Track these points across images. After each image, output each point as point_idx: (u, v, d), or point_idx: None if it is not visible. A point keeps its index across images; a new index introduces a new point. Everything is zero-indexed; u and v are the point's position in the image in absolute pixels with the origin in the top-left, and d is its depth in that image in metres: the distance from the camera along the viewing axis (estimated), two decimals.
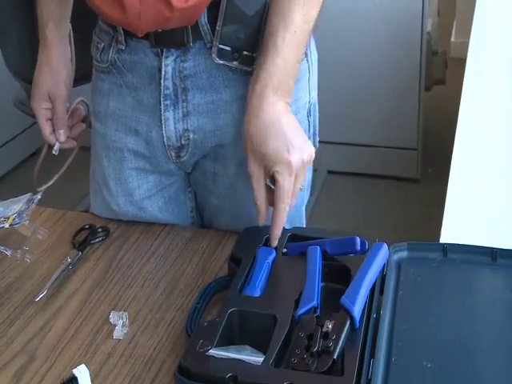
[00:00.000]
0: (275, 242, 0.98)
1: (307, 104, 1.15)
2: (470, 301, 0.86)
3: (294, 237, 0.99)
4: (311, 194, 1.30)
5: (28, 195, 1.14)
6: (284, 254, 0.96)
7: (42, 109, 1.18)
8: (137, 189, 1.16)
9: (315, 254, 0.90)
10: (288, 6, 0.98)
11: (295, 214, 1.15)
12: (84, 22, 1.15)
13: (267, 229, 0.99)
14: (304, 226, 1.21)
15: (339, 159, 2.91)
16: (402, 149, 2.88)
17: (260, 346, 0.81)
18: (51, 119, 1.18)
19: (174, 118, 1.08)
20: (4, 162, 3.03)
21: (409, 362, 0.77)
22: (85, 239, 1.10)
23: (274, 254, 0.95)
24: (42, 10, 1.16)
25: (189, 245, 1.10)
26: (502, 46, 1.69)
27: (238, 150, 1.09)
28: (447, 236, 1.02)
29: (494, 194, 1.15)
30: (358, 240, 0.91)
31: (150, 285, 1.01)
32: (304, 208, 1.22)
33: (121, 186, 1.16)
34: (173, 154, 1.12)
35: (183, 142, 1.10)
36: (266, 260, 0.93)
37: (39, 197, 1.14)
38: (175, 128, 1.09)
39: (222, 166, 1.13)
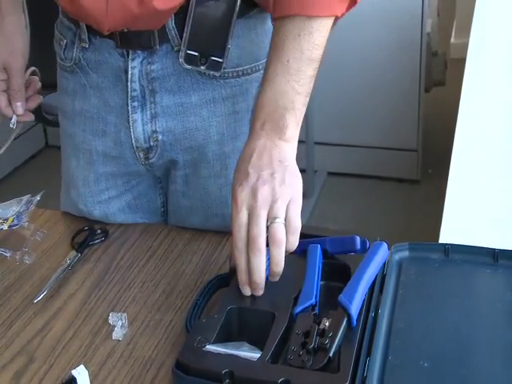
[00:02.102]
0: (244, 291, 0.88)
1: None
2: (470, 301, 0.86)
3: None
4: (311, 196, 1.31)
5: (27, 197, 1.14)
6: None
7: None
8: (105, 190, 1.15)
9: (315, 253, 0.90)
10: (280, 35, 0.94)
11: None
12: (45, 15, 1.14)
13: None
14: None
15: (339, 160, 2.92)
16: (402, 150, 2.88)
17: (258, 343, 0.81)
18: (6, 91, 1.14)
19: (142, 119, 1.07)
20: (4, 165, 3.03)
21: (405, 361, 0.77)
22: (84, 240, 1.09)
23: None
24: None
25: (188, 246, 1.10)
26: (501, 47, 1.69)
27: (208, 152, 1.09)
28: (446, 237, 1.02)
29: (494, 195, 1.15)
30: (359, 239, 0.91)
31: (149, 286, 1.01)
32: None
33: (89, 187, 1.15)
34: (141, 156, 1.11)
35: (152, 144, 1.09)
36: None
37: (38, 198, 1.13)
38: (143, 130, 1.08)
39: (193, 169, 1.12)
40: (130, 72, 1.04)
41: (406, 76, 2.74)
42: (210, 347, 0.80)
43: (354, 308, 0.81)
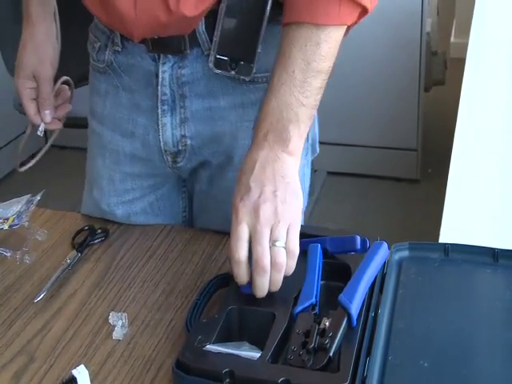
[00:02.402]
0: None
1: None
2: (470, 301, 0.86)
3: None
4: (311, 195, 1.31)
5: (27, 196, 1.14)
6: None
7: (25, 88, 1.14)
8: (130, 191, 1.15)
9: (316, 252, 0.90)
10: (287, 43, 0.92)
11: None
12: (81, 18, 1.13)
13: None
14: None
15: (339, 160, 2.91)
16: (401, 149, 2.88)
17: (258, 343, 0.81)
18: (36, 99, 1.14)
19: (172, 123, 1.07)
20: (4, 164, 3.03)
21: (405, 360, 0.77)
22: (84, 240, 1.09)
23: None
24: None
25: (188, 246, 1.10)
26: (501, 47, 1.69)
27: (235, 156, 1.08)
28: (446, 236, 1.02)
29: (494, 194, 1.15)
30: (359, 238, 0.91)
31: (149, 285, 1.01)
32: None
33: (113, 186, 1.15)
34: (169, 159, 1.11)
35: (180, 148, 1.09)
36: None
37: (38, 198, 1.13)
38: (172, 134, 1.08)
39: (220, 171, 1.12)
40: (160, 76, 1.04)
41: (405, 75, 2.74)
42: (210, 347, 0.80)
43: (354, 308, 0.81)
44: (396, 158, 2.89)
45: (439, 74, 2.87)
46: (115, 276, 1.03)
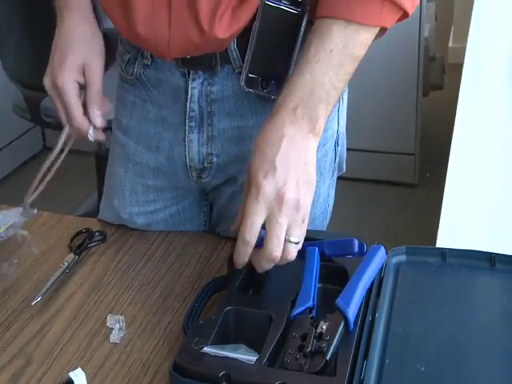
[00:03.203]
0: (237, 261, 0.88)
1: (335, 134, 1.12)
2: (467, 305, 0.86)
3: None
4: None
5: (20, 209, 1.09)
6: None
7: (73, 82, 0.99)
8: (152, 202, 1.14)
9: (313, 255, 0.90)
10: (327, 24, 0.89)
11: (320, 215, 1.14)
12: None
13: None
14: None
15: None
16: (399, 154, 2.89)
17: (255, 346, 0.81)
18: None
19: (199, 140, 1.06)
20: (2, 167, 3.03)
21: (402, 364, 0.77)
22: (82, 243, 1.09)
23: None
24: None
25: (186, 249, 1.10)
26: (499, 52, 1.70)
27: None
28: (443, 241, 1.02)
29: (491, 199, 1.15)
30: (356, 242, 0.91)
31: (146, 288, 1.01)
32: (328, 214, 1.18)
33: (136, 197, 1.13)
34: (194, 175, 1.10)
35: (206, 165, 1.08)
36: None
37: (35, 212, 1.10)
38: (199, 151, 1.07)
39: (242, 188, 1.09)
40: (190, 92, 1.02)
41: (403, 80, 2.74)
42: (207, 349, 0.80)
43: (352, 311, 0.81)
44: (394, 163, 2.90)
45: (437, 78, 2.88)
46: (113, 279, 1.03)
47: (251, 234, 0.84)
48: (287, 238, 0.85)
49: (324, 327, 0.80)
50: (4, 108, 2.53)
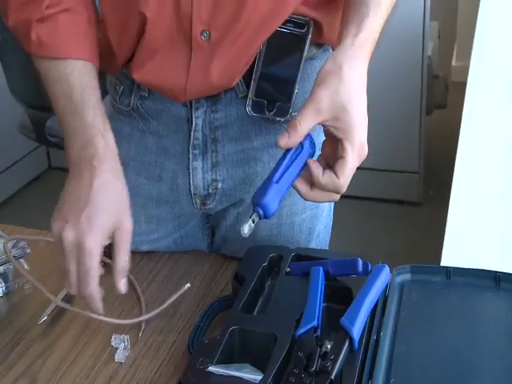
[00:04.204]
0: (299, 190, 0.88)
1: None
2: (472, 324, 0.86)
3: (298, 257, 0.99)
4: None
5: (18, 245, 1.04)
6: (287, 273, 0.96)
7: (100, 246, 0.85)
8: (155, 231, 1.13)
9: (318, 275, 0.90)
10: None
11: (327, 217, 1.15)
12: None
13: (271, 249, 1.00)
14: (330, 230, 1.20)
15: None
16: (403, 172, 2.89)
17: (260, 365, 0.81)
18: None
19: (203, 167, 1.05)
20: (7, 186, 3.04)
21: (407, 383, 0.77)
22: None
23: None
24: (71, 78, 0.90)
25: (190, 268, 1.10)
26: (502, 70, 1.70)
27: None
28: (448, 259, 1.02)
29: (496, 217, 1.15)
30: (360, 262, 0.92)
31: (151, 308, 1.01)
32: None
33: (138, 227, 1.10)
34: (198, 202, 1.09)
35: (210, 191, 1.07)
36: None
37: (28, 251, 1.05)
38: (203, 177, 1.06)
39: (247, 209, 1.09)
40: (194, 122, 1.01)
41: (407, 98, 2.75)
42: (212, 369, 0.80)
43: (356, 331, 0.81)
44: (398, 181, 2.90)
45: (441, 97, 2.89)
46: (118, 298, 1.03)
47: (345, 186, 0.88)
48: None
49: (329, 346, 0.79)
50: (9, 128, 2.54)
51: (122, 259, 0.86)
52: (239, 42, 0.94)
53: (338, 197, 0.89)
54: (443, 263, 1.00)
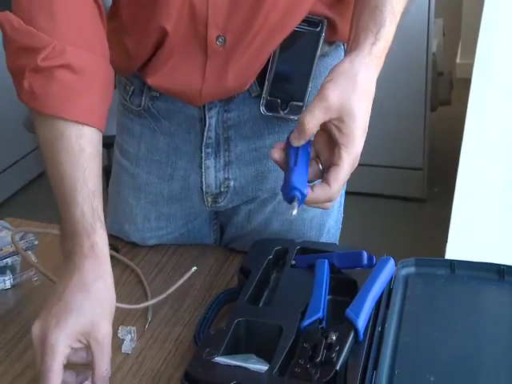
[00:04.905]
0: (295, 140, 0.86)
1: None
2: (476, 317, 0.87)
3: (303, 250, 1.00)
4: None
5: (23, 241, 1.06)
6: (293, 266, 0.97)
7: (66, 347, 0.76)
8: (164, 228, 1.13)
9: (323, 267, 0.91)
10: None
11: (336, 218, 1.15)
12: None
13: (277, 241, 1.01)
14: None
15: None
16: (408, 169, 2.89)
17: (266, 356, 0.82)
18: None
19: (215, 166, 1.06)
20: (12, 183, 3.05)
21: (412, 375, 0.77)
22: None
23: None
24: (63, 155, 0.83)
25: (196, 261, 1.10)
26: (506, 67, 1.71)
27: (278, 192, 1.05)
28: (452, 253, 1.03)
29: (500, 212, 1.16)
30: (366, 254, 0.92)
31: (157, 300, 1.01)
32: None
33: (148, 223, 1.12)
34: (209, 200, 1.09)
35: (222, 190, 1.08)
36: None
37: (36, 242, 1.07)
38: (216, 176, 1.06)
39: (260, 205, 1.09)
40: (207, 122, 1.01)
41: (412, 95, 2.76)
42: (218, 359, 0.81)
43: (361, 322, 0.82)
44: (402, 177, 2.90)
45: (445, 93, 2.89)
46: (124, 291, 1.04)
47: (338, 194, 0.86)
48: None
49: (334, 337, 0.80)
50: (15, 124, 2.56)
51: (101, 369, 0.78)
52: (254, 46, 0.94)
53: (330, 205, 0.88)
54: (447, 257, 1.01)
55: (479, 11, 2.01)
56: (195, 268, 0.99)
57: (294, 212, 0.83)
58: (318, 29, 0.97)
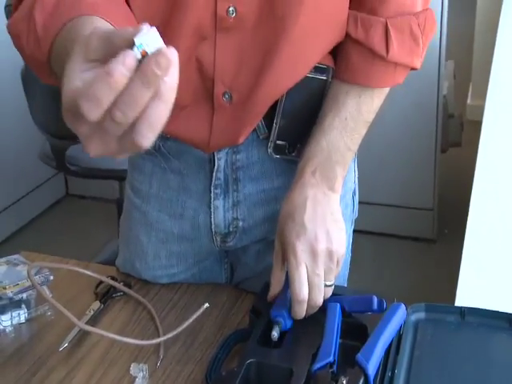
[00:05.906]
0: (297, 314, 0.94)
1: (353, 185, 1.15)
2: (486, 365, 0.87)
3: None
4: None
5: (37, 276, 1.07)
6: None
7: (82, 72, 0.57)
8: (175, 266, 1.14)
9: (335, 311, 0.91)
10: (342, 93, 0.98)
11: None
12: None
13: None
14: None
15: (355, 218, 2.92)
16: (418, 209, 2.90)
17: None
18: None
19: (224, 206, 1.07)
20: (24, 213, 3.07)
21: None
22: (107, 291, 1.11)
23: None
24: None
25: (208, 299, 1.11)
26: None
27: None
28: (462, 298, 1.03)
29: (510, 257, 1.16)
30: (376, 299, 0.93)
31: (169, 337, 1.02)
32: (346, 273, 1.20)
33: (159, 261, 1.13)
34: (218, 239, 1.10)
35: (231, 229, 1.09)
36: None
37: (51, 278, 1.09)
38: (224, 216, 1.07)
39: (267, 246, 1.10)
40: (216, 163, 1.03)
41: (422, 137, 2.77)
42: None
43: (372, 367, 0.82)
44: (412, 218, 2.91)
45: (456, 135, 2.90)
46: (136, 327, 1.05)
47: (303, 293, 0.92)
48: (325, 284, 0.94)
49: (344, 382, 0.81)
50: (30, 155, 2.59)
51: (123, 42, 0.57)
52: (261, 103, 0.97)
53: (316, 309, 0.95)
54: (458, 301, 1.01)
55: (490, 53, 2.02)
56: (207, 305, 1.00)
57: (275, 336, 0.92)
58: (325, 76, 1.00)
